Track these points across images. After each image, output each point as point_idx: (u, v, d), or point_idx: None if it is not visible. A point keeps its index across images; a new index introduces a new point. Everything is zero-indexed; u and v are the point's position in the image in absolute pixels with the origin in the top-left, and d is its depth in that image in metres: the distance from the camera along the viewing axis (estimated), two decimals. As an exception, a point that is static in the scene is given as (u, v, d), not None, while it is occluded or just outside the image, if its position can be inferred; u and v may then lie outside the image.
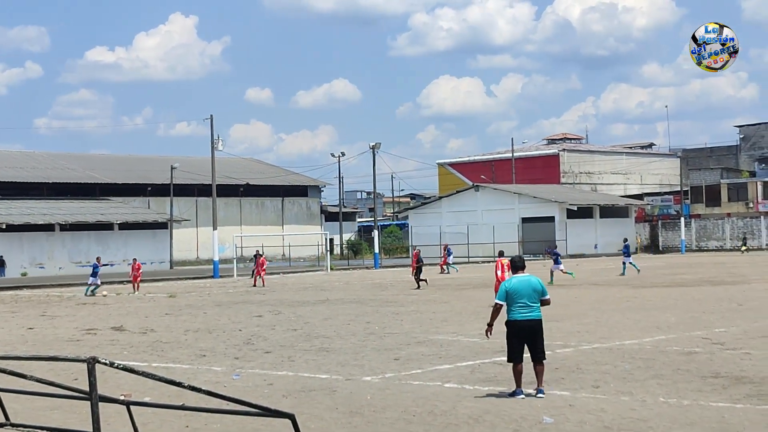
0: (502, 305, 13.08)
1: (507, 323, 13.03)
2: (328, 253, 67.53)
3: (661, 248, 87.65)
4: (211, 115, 61.39)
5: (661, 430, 10.60)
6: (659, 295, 31.84)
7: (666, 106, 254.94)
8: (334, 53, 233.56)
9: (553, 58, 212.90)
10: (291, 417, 5.24)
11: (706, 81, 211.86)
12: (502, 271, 29.96)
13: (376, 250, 69.88)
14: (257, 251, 55.45)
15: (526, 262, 13.74)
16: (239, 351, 19.38)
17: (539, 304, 13.05)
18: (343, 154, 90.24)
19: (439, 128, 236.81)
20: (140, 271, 44.30)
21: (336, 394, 13.65)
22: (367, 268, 66.86)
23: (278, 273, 60.79)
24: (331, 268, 63.82)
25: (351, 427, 11.32)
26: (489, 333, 13.53)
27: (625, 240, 50.68)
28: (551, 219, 79.97)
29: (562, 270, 40.72)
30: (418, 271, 41.45)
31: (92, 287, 42.19)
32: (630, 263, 46.67)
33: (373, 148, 76.95)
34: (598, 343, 18.84)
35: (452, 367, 15.97)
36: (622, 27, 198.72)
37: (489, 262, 70.30)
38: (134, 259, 46.18)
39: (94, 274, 42.47)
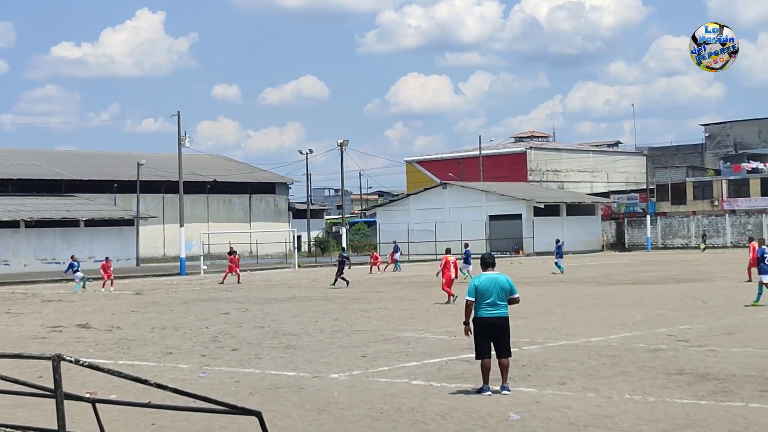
0: (472, 302, 13.11)
1: (474, 320, 13.07)
2: (296, 250, 67.40)
3: (627, 246, 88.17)
4: (179, 112, 61.18)
5: (627, 426, 10.66)
6: (625, 293, 32.04)
7: (632, 105, 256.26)
8: (302, 50, 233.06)
9: (520, 56, 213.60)
10: (258, 414, 5.23)
11: (672, 80, 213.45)
12: (447, 269, 30.12)
13: (344, 247, 69.82)
14: (231, 248, 55.62)
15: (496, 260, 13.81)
16: (206, 348, 19.32)
17: (507, 303, 13.10)
18: (311, 151, 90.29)
19: (407, 126, 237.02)
20: (111, 269, 44.16)
21: (303, 391, 13.63)
22: (334, 265, 66.74)
23: (246, 270, 60.55)
24: (299, 266, 63.72)
25: (318, 424, 11.31)
26: (468, 332, 13.51)
27: (558, 241, 51.57)
28: (518, 217, 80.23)
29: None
30: (340, 270, 40.65)
31: (81, 282, 42.58)
32: (556, 263, 47.52)
33: (341, 145, 76.98)
34: (565, 340, 18.94)
35: (420, 364, 16.00)
36: (589, 25, 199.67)
37: (456, 259, 70.46)
38: (106, 258, 46.16)
39: (76, 270, 42.75)
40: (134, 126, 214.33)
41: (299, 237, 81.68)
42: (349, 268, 42.77)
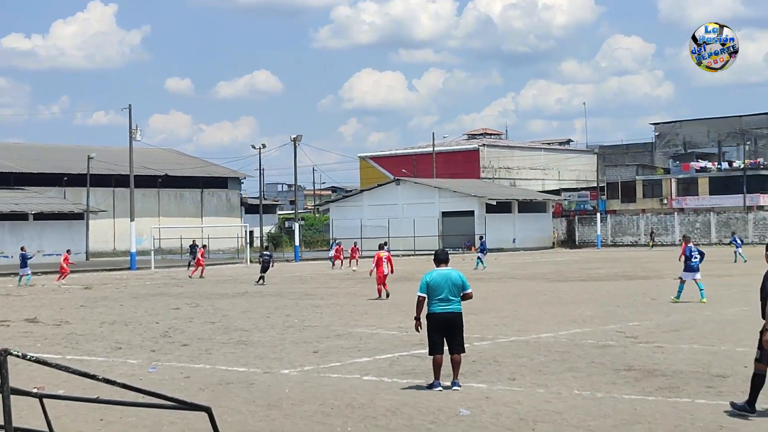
0: (424, 297, 13.15)
1: (427, 316, 13.11)
2: (248, 245, 67.18)
3: (577, 243, 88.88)
4: (130, 105, 60.76)
5: (575, 422, 10.76)
6: (575, 290, 32.29)
7: (584, 103, 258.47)
8: (256, 44, 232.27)
9: (474, 53, 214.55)
10: (207, 410, 5.21)
11: (624, 79, 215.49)
12: (380, 265, 30.14)
13: (297, 242, 69.73)
14: (194, 242, 55.69)
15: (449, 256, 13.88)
16: (156, 344, 19.20)
17: (460, 298, 13.14)
18: (264, 146, 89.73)
19: (360, 121, 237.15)
20: (68, 262, 43.86)
21: (254, 387, 13.60)
22: (287, 260, 66.64)
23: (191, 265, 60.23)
24: (251, 261, 63.49)
25: (268, 420, 11.29)
26: (419, 327, 13.56)
27: (481, 237, 52.15)
28: (471, 213, 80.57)
29: None
30: (264, 269, 39.94)
31: (25, 277, 42.03)
32: (479, 258, 48.74)
33: (294, 140, 76.70)
34: (515, 336, 19.05)
35: (371, 360, 16.02)
36: (542, 24, 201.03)
37: (408, 255, 70.66)
38: (67, 251, 46.09)
39: (25, 264, 42.24)
40: (85, 119, 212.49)
41: (251, 232, 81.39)
42: (272, 266, 42.15)
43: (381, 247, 33.40)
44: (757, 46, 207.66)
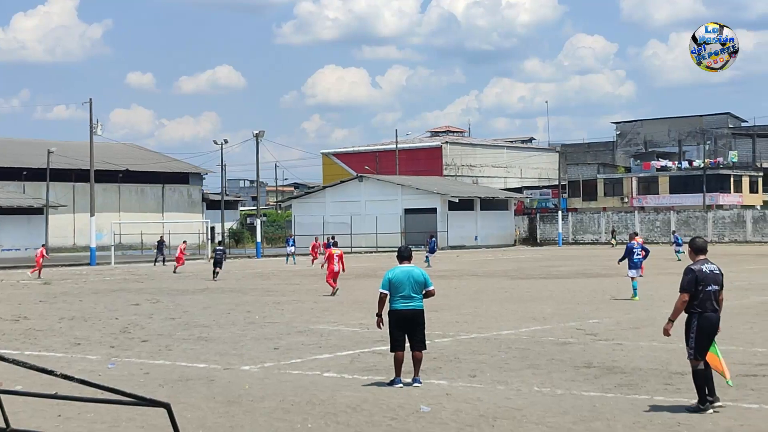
0: (386, 294, 13.16)
1: (389, 313, 13.13)
2: (209, 241, 66.89)
3: (539, 241, 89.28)
4: (90, 99, 60.25)
5: (535, 418, 10.81)
6: (536, 287, 32.45)
7: (546, 102, 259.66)
8: (218, 39, 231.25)
9: (438, 51, 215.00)
10: (166, 406, 5.17)
11: (586, 78, 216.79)
12: (331, 262, 30.39)
13: (258, 239, 69.52)
14: (161, 237, 55.85)
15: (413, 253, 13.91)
16: (115, 339, 19.07)
17: (422, 295, 13.17)
18: (226, 141, 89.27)
19: (323, 118, 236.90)
20: (42, 257, 43.64)
21: (214, 383, 13.55)
22: (248, 257, 66.44)
23: (158, 261, 59.93)
24: (212, 257, 63.17)
25: (228, 416, 11.25)
26: (381, 323, 13.57)
27: (432, 236, 52.72)
28: (433, 210, 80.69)
29: None
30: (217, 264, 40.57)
31: None
32: (426, 257, 49.26)
33: (256, 136, 76.42)
34: (476, 333, 19.11)
35: (332, 357, 16.01)
36: (505, 22, 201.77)
37: (371, 252, 70.71)
38: (42, 245, 46.07)
39: None
40: (45, 113, 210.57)
41: (213, 228, 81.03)
42: (225, 260, 43.39)
43: (334, 245, 33.99)
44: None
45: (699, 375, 11.03)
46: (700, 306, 11.07)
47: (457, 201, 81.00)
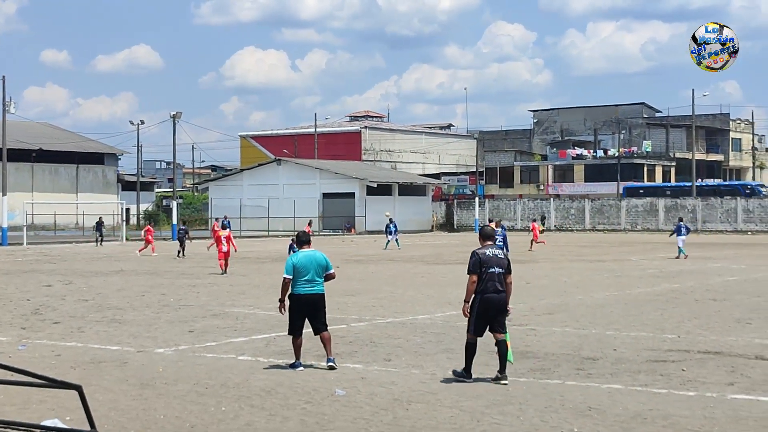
0: (290, 279, 13.19)
1: (291, 296, 13.18)
2: (124, 223, 66.07)
3: (455, 226, 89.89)
4: (3, 76, 58.93)
5: (449, 402, 10.90)
6: (452, 272, 32.66)
7: (465, 89, 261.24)
8: (136, 18, 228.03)
9: (358, 35, 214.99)
10: (78, 388, 5.10)
11: (504, 65, 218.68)
12: (219, 243, 32.89)
13: (174, 221, 68.78)
14: (100, 218, 55.24)
15: (312, 238, 13.98)
16: (26, 321, 18.75)
17: (323, 279, 13.26)
18: (142, 122, 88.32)
19: (242, 100, 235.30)
20: None
21: (127, 366, 13.40)
22: (164, 239, 65.78)
23: (71, 242, 59.07)
24: (127, 239, 62.46)
25: (141, 399, 11.14)
26: (282, 309, 13.58)
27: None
28: (351, 195, 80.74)
29: None
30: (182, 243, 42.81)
31: None
32: (396, 239, 51.21)
33: (173, 117, 75.67)
34: (392, 317, 19.19)
35: (247, 340, 15.95)
36: (426, 8, 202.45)
37: (288, 236, 70.44)
38: None
39: None
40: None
41: (128, 210, 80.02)
42: (190, 241, 45.03)
43: (224, 227, 35.19)
44: (634, 37, 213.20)
45: (470, 348, 12.12)
46: (483, 287, 12.11)
47: (376, 186, 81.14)
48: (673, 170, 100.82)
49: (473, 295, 12.21)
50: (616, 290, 25.27)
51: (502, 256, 12.39)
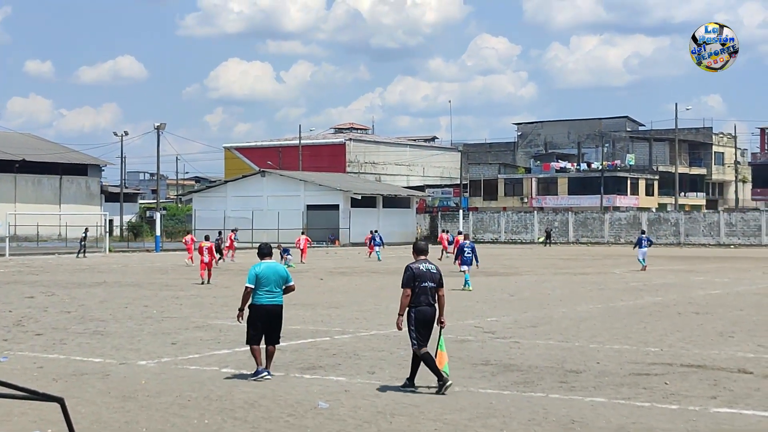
0: (252, 289, 13.36)
1: (251, 306, 13.33)
2: (107, 234, 65.86)
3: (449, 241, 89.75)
4: (-13, 87, 58.74)
5: (432, 415, 10.89)
6: (436, 285, 32.61)
7: (449, 101, 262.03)
8: (120, 29, 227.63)
9: (343, 47, 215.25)
10: (60, 401, 5.09)
11: (489, 78, 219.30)
12: (201, 253, 34.31)
13: (158, 233, 68.61)
14: (87, 229, 55.34)
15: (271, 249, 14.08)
16: (8, 333, 18.64)
17: (282, 291, 13.46)
18: (126, 133, 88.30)
19: (227, 112, 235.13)
20: None
21: (109, 378, 13.34)
22: (147, 251, 65.60)
23: (53, 254, 58.83)
24: (110, 250, 62.24)
25: (123, 411, 11.09)
26: (240, 317, 13.71)
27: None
28: (336, 207, 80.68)
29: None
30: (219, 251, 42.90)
31: None
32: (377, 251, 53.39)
33: (158, 128, 75.58)
34: (376, 330, 19.17)
35: (230, 352, 15.90)
36: (410, 21, 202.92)
37: (212, 245, 70.22)
38: None
39: None
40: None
41: (111, 221, 79.80)
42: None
43: (207, 238, 36.16)
44: (618, 51, 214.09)
45: (428, 358, 12.26)
46: (416, 300, 12.40)
47: (360, 198, 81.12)
48: (656, 183, 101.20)
49: (407, 309, 12.45)
50: (600, 303, 25.32)
51: (435, 271, 12.68)
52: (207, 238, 36.14)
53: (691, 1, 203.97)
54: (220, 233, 52.42)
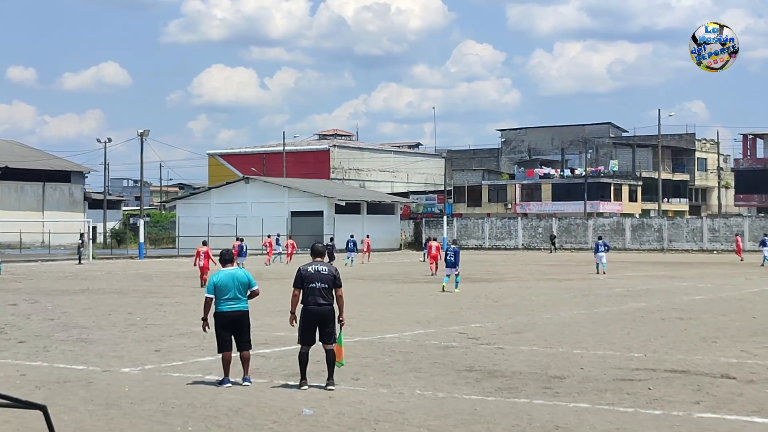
0: (211, 299, 13.42)
1: (215, 315, 13.41)
2: (91, 241, 65.61)
3: (424, 245, 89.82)
4: (-31, 93, 58.54)
5: (417, 421, 10.89)
6: (420, 291, 32.67)
7: (433, 108, 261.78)
8: (104, 35, 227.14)
9: (327, 54, 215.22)
10: (43, 408, 5.07)
11: (473, 85, 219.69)
12: (198, 257, 34.92)
13: (141, 239, 68.43)
14: (81, 235, 55.32)
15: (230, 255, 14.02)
16: (-9, 341, 18.55)
17: (246, 296, 13.47)
18: (110, 140, 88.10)
19: (210, 118, 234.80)
20: None
21: (92, 385, 13.29)
22: (131, 257, 65.40)
23: (36, 261, 58.61)
24: (93, 257, 62.04)
25: (107, 419, 11.05)
26: (206, 327, 13.81)
27: (279, 235, 59.04)
28: (320, 213, 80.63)
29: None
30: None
31: None
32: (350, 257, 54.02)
33: (141, 135, 75.42)
34: (360, 336, 19.14)
35: (214, 359, 15.80)
36: (395, 28, 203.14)
37: (256, 255, 70.22)
38: None
39: None
40: None
41: (95, 228, 79.52)
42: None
43: (204, 243, 37.15)
44: (601, 58, 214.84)
45: (302, 357, 13.01)
46: (305, 300, 13.03)
47: (344, 204, 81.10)
48: (639, 189, 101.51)
49: (301, 307, 13.06)
50: (584, 309, 25.37)
51: (326, 272, 13.14)
52: (205, 243, 36.50)
53: (675, 9, 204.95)
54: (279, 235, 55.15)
